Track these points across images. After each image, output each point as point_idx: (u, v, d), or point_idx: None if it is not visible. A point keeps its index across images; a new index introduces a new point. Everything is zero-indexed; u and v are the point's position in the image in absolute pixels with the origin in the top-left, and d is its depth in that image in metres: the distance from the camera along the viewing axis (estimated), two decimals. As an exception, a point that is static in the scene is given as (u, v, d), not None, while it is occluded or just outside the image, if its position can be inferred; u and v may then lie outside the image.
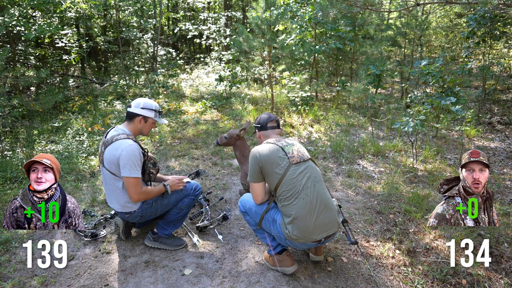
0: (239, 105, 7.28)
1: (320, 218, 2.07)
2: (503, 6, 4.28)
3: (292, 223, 2.06)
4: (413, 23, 7.50)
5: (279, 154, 2.17)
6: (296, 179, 2.10)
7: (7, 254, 2.58)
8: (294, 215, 2.05)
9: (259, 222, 2.27)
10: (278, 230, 2.17)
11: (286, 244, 2.23)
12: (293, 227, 2.05)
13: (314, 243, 2.12)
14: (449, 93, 4.23)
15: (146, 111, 2.47)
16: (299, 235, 2.05)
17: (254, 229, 2.39)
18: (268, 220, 2.23)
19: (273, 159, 2.16)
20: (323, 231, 2.08)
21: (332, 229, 2.12)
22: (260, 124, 2.46)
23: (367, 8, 4.73)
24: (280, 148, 2.19)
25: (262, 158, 2.18)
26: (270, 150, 2.19)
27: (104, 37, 9.56)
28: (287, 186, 2.10)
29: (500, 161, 4.27)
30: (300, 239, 2.06)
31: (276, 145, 2.21)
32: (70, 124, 5.86)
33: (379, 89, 7.02)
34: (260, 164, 2.18)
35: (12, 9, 5.85)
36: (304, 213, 2.05)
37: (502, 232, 2.73)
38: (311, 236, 2.06)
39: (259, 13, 6.30)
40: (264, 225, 2.26)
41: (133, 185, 2.31)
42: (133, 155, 2.30)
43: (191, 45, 17.45)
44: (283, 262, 2.30)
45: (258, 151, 2.22)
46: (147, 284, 2.25)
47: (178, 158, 4.50)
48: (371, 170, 4.09)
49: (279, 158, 2.16)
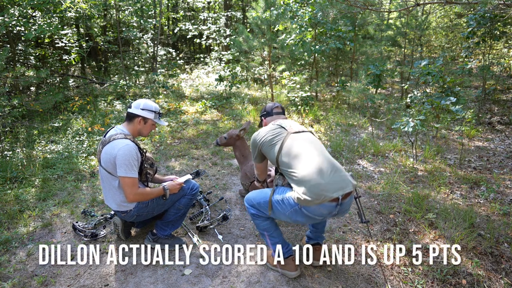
0: (239, 105, 7.28)
1: (330, 176, 1.92)
2: (503, 6, 4.28)
3: (302, 185, 1.91)
4: (413, 23, 7.50)
5: (276, 129, 2.23)
6: (296, 144, 2.09)
7: (7, 254, 2.58)
8: (301, 177, 1.93)
9: (269, 207, 2.14)
10: (290, 204, 2.00)
11: (304, 221, 2.02)
12: (304, 189, 1.89)
13: (333, 204, 1.90)
14: (449, 93, 4.23)
15: (146, 112, 2.47)
16: (312, 195, 1.87)
17: (263, 234, 2.30)
18: (277, 202, 2.09)
19: (270, 135, 2.20)
20: (337, 188, 1.90)
21: (347, 187, 1.93)
22: (265, 111, 2.51)
23: (367, 8, 4.73)
24: (277, 125, 2.26)
25: (261, 140, 2.24)
26: (267, 130, 2.26)
27: (104, 37, 9.56)
28: (288, 151, 2.07)
29: (500, 161, 4.27)
30: (316, 200, 1.87)
31: (273, 124, 2.29)
32: (70, 124, 5.86)
33: (379, 89, 7.03)
34: (260, 146, 2.26)
35: (12, 9, 5.85)
36: (312, 172, 1.92)
37: (502, 232, 2.73)
38: (326, 194, 1.86)
39: (259, 13, 6.30)
40: (276, 209, 2.11)
41: (129, 185, 2.31)
42: (129, 155, 2.30)
43: (191, 45, 17.45)
44: (287, 266, 2.29)
45: (257, 134, 2.29)
46: (147, 284, 2.25)
47: (178, 158, 4.50)
48: (371, 170, 4.09)
49: (277, 133, 2.21)
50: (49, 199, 3.41)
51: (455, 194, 3.44)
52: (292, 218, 2.06)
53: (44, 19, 6.76)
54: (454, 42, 10.95)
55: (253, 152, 2.35)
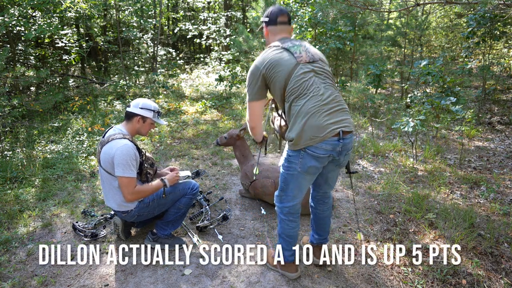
0: (239, 105, 7.28)
1: (333, 113, 1.89)
2: (503, 6, 4.28)
3: (305, 124, 1.85)
4: (413, 23, 7.51)
5: (283, 56, 1.93)
6: (304, 76, 1.89)
7: (7, 254, 2.58)
8: (305, 112, 1.85)
9: (284, 183, 2.06)
10: (295, 155, 1.94)
11: (317, 164, 1.93)
12: (306, 127, 1.85)
13: (335, 139, 1.88)
14: (449, 93, 4.24)
15: (145, 111, 2.48)
16: (313, 132, 1.84)
17: (283, 239, 2.20)
18: (287, 174, 2.03)
19: (277, 62, 1.91)
20: (339, 122, 1.89)
21: (349, 126, 1.93)
22: (268, 18, 2.10)
23: (367, 8, 4.73)
24: (285, 50, 1.95)
25: (264, 64, 1.93)
26: (272, 54, 1.94)
27: (104, 37, 9.56)
28: (294, 84, 1.89)
29: (500, 161, 4.27)
30: (317, 138, 1.85)
31: (281, 47, 1.96)
32: (70, 124, 5.86)
33: (379, 89, 7.03)
34: (263, 71, 1.94)
35: (12, 9, 5.85)
36: (316, 109, 1.86)
37: (502, 232, 2.73)
38: (328, 128, 1.85)
39: (259, 13, 6.30)
40: (289, 179, 2.03)
41: (125, 185, 2.31)
42: (127, 155, 2.30)
43: (191, 45, 17.46)
44: (288, 267, 2.28)
45: (259, 59, 1.98)
46: (147, 284, 2.25)
47: (178, 158, 4.50)
48: (371, 170, 4.09)
49: (284, 60, 1.91)
50: (49, 199, 3.41)
51: (455, 194, 3.44)
52: (306, 169, 1.95)
53: (44, 19, 6.76)
54: (454, 42, 10.94)
55: (253, 83, 1.98)
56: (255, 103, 2.03)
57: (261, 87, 1.99)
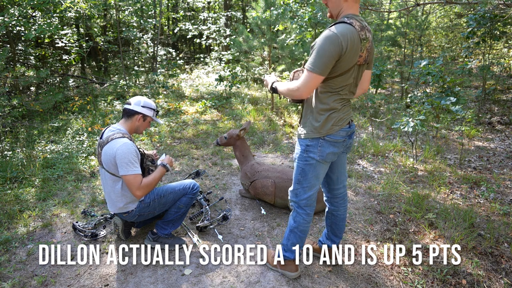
0: (239, 105, 7.28)
1: (347, 107, 2.01)
2: (503, 6, 4.28)
3: (329, 116, 1.92)
4: (413, 23, 7.51)
5: (358, 46, 1.79)
6: (348, 79, 1.89)
7: (7, 254, 2.58)
8: (332, 106, 1.91)
9: (301, 175, 2.07)
10: (314, 144, 1.98)
11: (336, 150, 2.01)
12: (329, 118, 1.93)
13: (347, 125, 2.00)
14: (449, 93, 4.24)
15: (146, 109, 2.49)
16: (336, 122, 1.94)
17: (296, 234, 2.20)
18: (304, 165, 2.05)
19: (354, 50, 1.78)
20: (349, 113, 2.02)
21: (352, 116, 2.09)
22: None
23: (367, 8, 4.73)
24: (359, 40, 1.78)
25: (347, 43, 1.73)
26: (353, 37, 1.75)
27: (104, 37, 9.56)
28: (338, 82, 1.87)
29: (500, 161, 4.27)
30: (337, 125, 1.95)
31: (357, 33, 1.77)
32: (70, 124, 5.86)
33: (379, 89, 7.03)
34: (344, 48, 1.73)
35: (12, 9, 5.85)
36: (340, 106, 1.95)
37: (502, 232, 2.73)
38: (346, 117, 1.98)
39: (259, 13, 6.30)
40: (308, 169, 2.05)
41: (132, 183, 2.31)
42: (128, 152, 2.30)
43: (191, 45, 17.46)
44: (288, 267, 2.28)
45: (340, 32, 1.72)
46: (147, 284, 2.25)
47: (178, 158, 4.50)
48: (371, 170, 4.09)
49: (356, 53, 1.80)
50: (49, 199, 3.41)
51: (455, 194, 3.44)
52: (325, 156, 2.00)
53: (44, 19, 6.76)
54: (454, 42, 10.95)
55: (327, 56, 1.73)
56: (317, 76, 1.78)
57: (330, 63, 1.76)
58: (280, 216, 3.06)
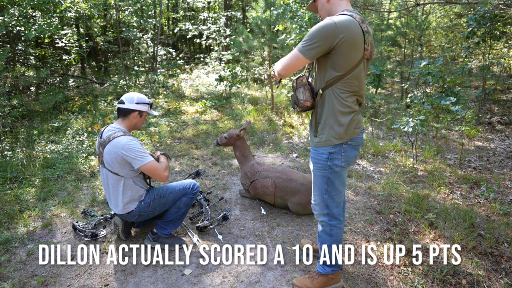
0: (239, 105, 7.28)
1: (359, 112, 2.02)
2: (503, 6, 4.29)
3: (352, 119, 1.89)
4: (413, 23, 7.50)
5: (361, 37, 1.75)
6: (361, 75, 1.85)
7: (7, 254, 2.58)
8: (353, 108, 1.89)
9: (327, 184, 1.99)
10: (337, 151, 1.92)
11: (357, 153, 2.00)
12: (351, 121, 1.89)
13: (360, 130, 2.00)
14: (449, 93, 4.24)
15: (141, 105, 2.49)
16: (357, 125, 1.94)
17: (333, 245, 2.10)
18: (330, 174, 1.97)
19: (356, 40, 1.73)
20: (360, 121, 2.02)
21: None
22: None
23: (367, 8, 4.73)
24: (362, 32, 1.76)
25: (344, 32, 1.69)
26: (354, 27, 1.72)
27: (104, 37, 9.56)
28: (353, 79, 1.81)
29: (500, 161, 4.27)
30: (358, 128, 1.94)
31: (359, 25, 1.75)
32: (70, 124, 5.86)
33: (379, 89, 7.02)
34: (339, 37, 1.69)
35: (12, 9, 5.85)
36: (358, 108, 1.95)
37: (502, 232, 2.73)
38: (361, 119, 2.00)
39: (259, 13, 6.30)
40: (334, 178, 1.97)
41: (153, 169, 2.35)
42: (136, 145, 2.34)
43: (191, 45, 17.46)
44: (335, 279, 2.19)
45: (338, 21, 1.70)
46: (147, 284, 2.25)
47: (178, 158, 4.50)
48: (371, 170, 4.09)
49: (360, 43, 1.75)
50: (49, 199, 3.41)
51: (455, 194, 3.44)
52: (349, 160, 1.98)
53: (44, 19, 6.76)
54: (454, 42, 10.95)
55: (320, 38, 1.70)
56: (302, 58, 1.75)
57: (324, 48, 1.73)
58: (280, 216, 3.06)
